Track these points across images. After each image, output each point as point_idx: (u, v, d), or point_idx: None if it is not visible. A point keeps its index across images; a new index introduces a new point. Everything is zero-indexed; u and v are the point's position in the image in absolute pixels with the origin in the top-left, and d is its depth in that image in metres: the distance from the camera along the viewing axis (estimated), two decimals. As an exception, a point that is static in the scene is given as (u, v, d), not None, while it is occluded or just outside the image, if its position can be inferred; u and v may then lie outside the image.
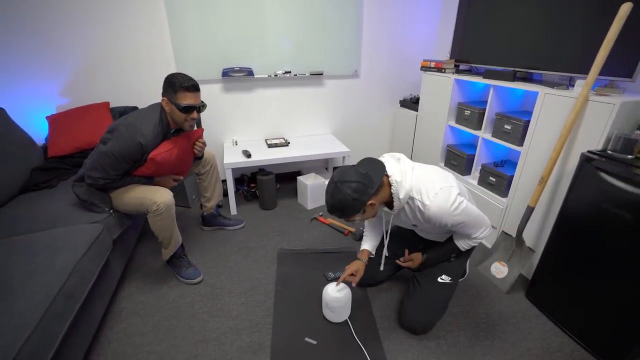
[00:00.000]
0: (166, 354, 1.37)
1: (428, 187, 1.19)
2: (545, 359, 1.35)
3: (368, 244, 1.61)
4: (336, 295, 1.44)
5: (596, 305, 1.34)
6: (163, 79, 1.57)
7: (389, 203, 1.27)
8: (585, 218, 1.35)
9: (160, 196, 1.58)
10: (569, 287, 1.45)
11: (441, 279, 1.43)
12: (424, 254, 1.49)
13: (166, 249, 1.75)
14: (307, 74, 2.63)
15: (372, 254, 1.61)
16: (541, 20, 1.73)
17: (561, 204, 1.45)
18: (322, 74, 2.66)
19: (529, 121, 1.72)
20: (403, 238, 1.64)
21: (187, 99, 1.55)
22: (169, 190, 1.65)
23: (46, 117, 2.10)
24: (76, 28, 2.10)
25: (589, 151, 1.35)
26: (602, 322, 1.32)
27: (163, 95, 1.57)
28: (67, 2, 2.03)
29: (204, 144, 1.87)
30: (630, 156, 1.28)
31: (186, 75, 1.56)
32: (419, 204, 1.19)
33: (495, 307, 1.60)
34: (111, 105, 2.25)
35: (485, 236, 1.35)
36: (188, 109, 1.56)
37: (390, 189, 1.22)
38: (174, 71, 1.95)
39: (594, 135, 1.40)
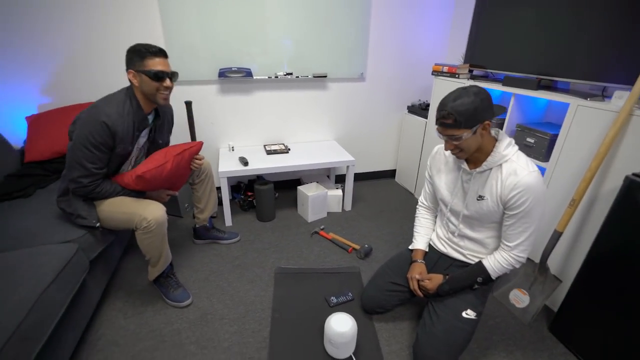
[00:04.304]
0: (145, 395, 1.20)
1: (528, 162, 1.14)
2: (577, 409, 1.18)
3: (421, 241, 1.48)
4: (340, 330, 1.27)
5: (637, 349, 1.17)
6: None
7: (477, 158, 1.19)
8: (629, 247, 1.18)
9: (152, 211, 1.41)
10: (604, 326, 1.28)
11: (466, 314, 1.25)
12: (446, 275, 1.33)
13: (153, 268, 1.57)
14: (309, 76, 2.46)
15: (427, 250, 1.48)
16: (570, 21, 1.55)
17: (598, 231, 1.28)
18: (325, 77, 2.49)
19: (555, 135, 1.55)
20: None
21: (157, 65, 1.37)
22: (162, 205, 1.48)
23: (25, 118, 1.93)
24: (59, 21, 1.92)
25: (633, 173, 1.18)
26: (645, 369, 1.16)
27: (128, 67, 1.38)
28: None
29: (202, 159, 1.77)
30: (681, 181, 1.11)
31: (151, 44, 1.38)
32: (517, 167, 1.11)
33: (517, 343, 1.43)
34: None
35: (525, 257, 1.22)
36: (160, 76, 1.37)
37: (495, 141, 1.18)
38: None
39: (636, 155, 1.23)
